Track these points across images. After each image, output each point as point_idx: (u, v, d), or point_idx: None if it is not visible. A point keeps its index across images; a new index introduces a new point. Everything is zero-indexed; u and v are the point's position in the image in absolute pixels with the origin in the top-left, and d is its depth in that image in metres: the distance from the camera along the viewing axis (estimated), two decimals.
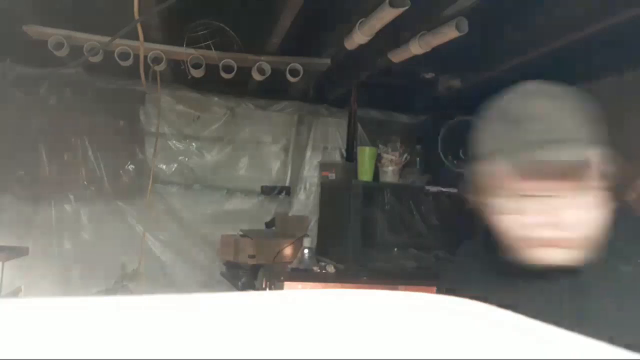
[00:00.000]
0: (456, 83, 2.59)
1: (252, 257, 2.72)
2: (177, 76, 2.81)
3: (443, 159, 2.88)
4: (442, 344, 0.25)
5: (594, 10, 1.73)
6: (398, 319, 0.28)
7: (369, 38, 2.07)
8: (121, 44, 2.37)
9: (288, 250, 2.74)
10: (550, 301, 0.86)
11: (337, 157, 3.21)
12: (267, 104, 3.24)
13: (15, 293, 2.45)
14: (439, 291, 1.09)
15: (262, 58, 2.52)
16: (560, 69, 2.20)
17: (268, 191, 3.23)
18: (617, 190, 0.85)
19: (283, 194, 3.24)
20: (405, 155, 2.84)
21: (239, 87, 2.92)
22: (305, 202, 3.24)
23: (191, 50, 2.43)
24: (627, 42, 1.80)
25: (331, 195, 2.94)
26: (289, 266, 2.51)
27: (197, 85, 2.90)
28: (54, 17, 2.27)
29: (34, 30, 2.30)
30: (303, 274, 2.44)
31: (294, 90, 3.03)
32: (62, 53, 2.35)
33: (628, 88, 2.13)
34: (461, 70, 2.54)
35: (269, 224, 3.17)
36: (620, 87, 2.17)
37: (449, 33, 1.97)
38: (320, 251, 2.77)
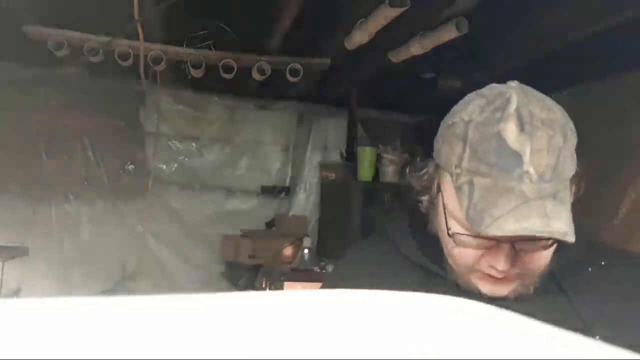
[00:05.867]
0: (456, 83, 2.59)
1: (252, 257, 2.72)
2: (177, 76, 2.81)
3: None
4: (442, 344, 0.25)
5: (594, 11, 1.73)
6: (398, 318, 0.28)
7: (369, 38, 2.07)
8: (121, 44, 2.37)
9: (288, 250, 2.74)
10: None
11: (337, 157, 3.21)
12: (267, 104, 3.24)
13: (15, 293, 2.45)
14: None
15: (262, 58, 2.52)
16: (560, 69, 2.20)
17: (268, 191, 3.23)
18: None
19: (283, 194, 3.24)
20: (405, 155, 2.84)
21: (239, 87, 2.92)
22: (305, 202, 3.25)
23: (191, 50, 2.44)
24: (627, 42, 1.80)
25: (331, 195, 2.94)
26: (289, 266, 2.51)
27: (197, 85, 2.90)
28: (54, 17, 2.27)
29: (34, 31, 2.30)
30: (303, 274, 2.44)
31: (294, 90, 3.03)
32: (62, 53, 2.35)
33: (628, 88, 2.13)
34: (461, 70, 2.54)
35: (269, 224, 3.17)
36: (620, 87, 2.16)
37: (449, 33, 1.97)
38: (320, 251, 2.77)
